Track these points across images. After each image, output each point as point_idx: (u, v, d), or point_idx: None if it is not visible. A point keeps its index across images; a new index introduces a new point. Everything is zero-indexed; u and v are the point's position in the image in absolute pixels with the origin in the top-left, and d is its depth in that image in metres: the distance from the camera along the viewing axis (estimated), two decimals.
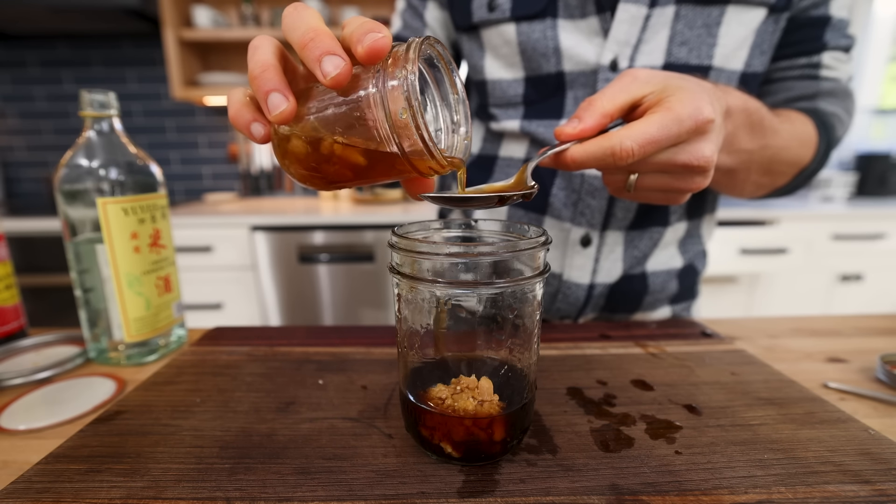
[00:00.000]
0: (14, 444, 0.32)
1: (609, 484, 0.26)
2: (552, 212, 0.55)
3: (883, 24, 1.96)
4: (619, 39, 0.47)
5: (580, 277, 0.55)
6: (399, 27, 0.61)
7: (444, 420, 0.27)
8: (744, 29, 0.47)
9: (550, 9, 0.49)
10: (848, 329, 0.52)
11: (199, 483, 0.26)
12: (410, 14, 0.60)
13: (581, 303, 0.56)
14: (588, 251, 0.54)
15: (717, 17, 0.47)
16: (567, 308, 0.57)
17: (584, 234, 0.54)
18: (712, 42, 0.47)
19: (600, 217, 0.53)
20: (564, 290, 0.56)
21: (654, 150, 0.31)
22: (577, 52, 0.49)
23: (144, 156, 0.45)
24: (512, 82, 0.54)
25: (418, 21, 0.60)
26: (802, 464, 0.27)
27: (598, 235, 0.54)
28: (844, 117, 0.53)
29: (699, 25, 0.47)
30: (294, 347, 0.45)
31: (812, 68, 0.52)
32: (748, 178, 0.47)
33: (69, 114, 2.01)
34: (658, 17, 0.47)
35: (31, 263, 1.54)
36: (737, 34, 0.47)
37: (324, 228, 1.55)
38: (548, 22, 0.49)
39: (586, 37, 0.49)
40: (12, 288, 0.48)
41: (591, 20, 0.48)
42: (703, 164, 0.33)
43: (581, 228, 0.53)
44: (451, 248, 0.24)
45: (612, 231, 0.54)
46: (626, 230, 0.54)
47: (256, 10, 1.89)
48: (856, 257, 1.65)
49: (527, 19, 0.50)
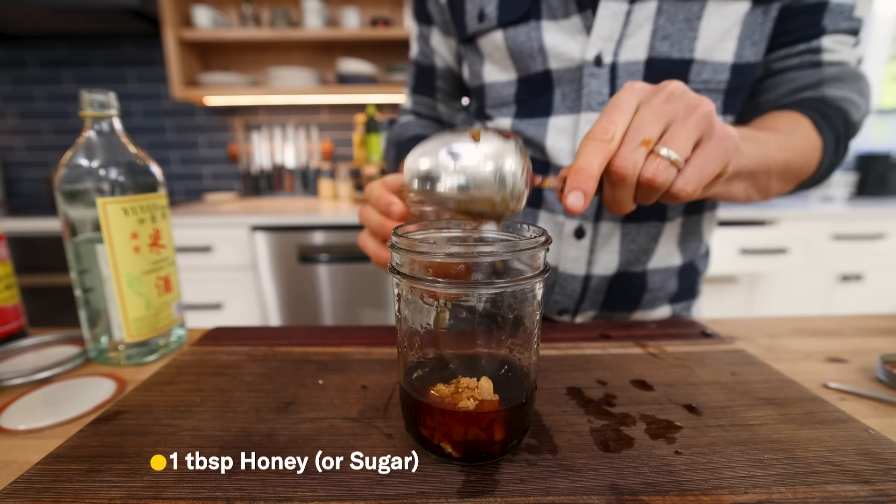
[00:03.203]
0: (14, 444, 0.32)
1: (609, 484, 0.26)
2: (546, 206, 0.57)
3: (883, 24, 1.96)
4: (602, 35, 0.49)
5: (575, 269, 0.56)
6: (416, 52, 0.69)
7: (444, 420, 0.27)
8: (726, 21, 0.48)
9: (533, 12, 0.51)
10: (848, 329, 0.52)
11: (199, 483, 0.26)
12: (422, 41, 0.67)
13: (578, 295, 0.57)
14: (582, 243, 0.55)
15: (698, 10, 0.47)
16: (564, 300, 0.58)
17: (578, 226, 0.55)
18: (693, 35, 0.48)
19: (592, 208, 0.54)
20: (560, 281, 0.57)
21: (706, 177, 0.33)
22: (561, 51, 0.51)
23: (144, 156, 0.45)
24: (506, 84, 0.57)
25: (428, 47, 0.67)
26: (802, 464, 0.27)
27: (591, 227, 0.55)
28: (858, 100, 0.51)
29: (680, 20, 0.48)
30: (294, 347, 0.45)
31: (812, 54, 0.51)
32: (767, 183, 0.47)
33: (69, 114, 2.01)
34: (639, 11, 0.48)
35: (31, 263, 1.54)
36: (718, 27, 0.48)
37: (324, 228, 1.55)
38: (531, 24, 0.51)
39: (570, 35, 0.50)
40: (12, 288, 0.48)
41: (574, 19, 0.50)
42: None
43: (574, 220, 0.55)
44: (451, 248, 0.24)
45: (605, 222, 0.54)
46: (622, 222, 0.55)
47: (256, 10, 1.89)
48: (856, 257, 1.65)
49: (512, 24, 0.52)
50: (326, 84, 1.95)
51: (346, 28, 1.79)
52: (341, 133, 2.10)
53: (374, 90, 1.82)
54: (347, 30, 1.77)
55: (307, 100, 2.01)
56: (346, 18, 1.81)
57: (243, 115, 2.06)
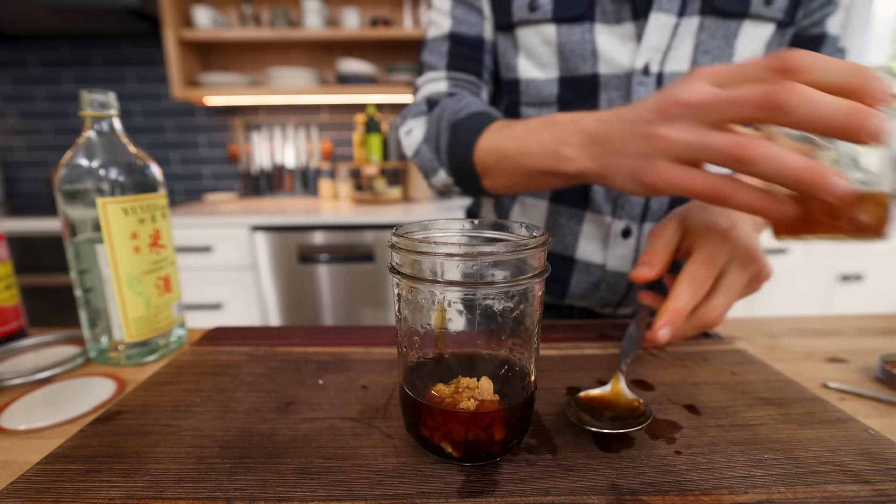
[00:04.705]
0: (14, 444, 0.32)
1: (609, 484, 0.26)
2: (593, 206, 0.58)
3: (883, 24, 1.96)
4: (651, 45, 0.50)
5: (622, 267, 0.58)
6: (450, 25, 0.57)
7: (445, 420, 0.27)
8: (757, 42, 0.51)
9: (589, 13, 0.52)
10: (848, 329, 0.52)
11: (199, 483, 0.26)
12: (464, 9, 0.57)
13: (623, 290, 0.60)
14: (629, 242, 0.57)
15: (735, 29, 0.50)
16: (610, 296, 0.61)
17: (625, 227, 0.57)
18: (731, 52, 0.51)
19: (639, 210, 0.56)
20: (608, 279, 0.59)
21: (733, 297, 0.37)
22: (612, 56, 0.52)
23: (144, 156, 0.45)
24: (546, 82, 0.56)
25: (475, 15, 0.57)
26: (802, 464, 0.27)
27: (637, 227, 0.57)
28: None
29: (720, 36, 0.51)
30: (294, 347, 0.45)
31: None
32: None
33: (69, 114, 2.01)
34: (685, 26, 0.50)
35: (31, 263, 1.54)
36: (751, 46, 0.51)
37: (324, 228, 1.55)
38: (586, 25, 0.52)
39: (620, 41, 0.52)
40: (12, 288, 0.48)
41: (627, 26, 0.51)
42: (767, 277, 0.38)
43: (622, 221, 0.57)
44: (451, 248, 0.24)
45: (650, 222, 0.57)
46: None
47: (256, 10, 1.89)
48: (856, 257, 1.65)
49: (567, 21, 0.52)
50: (326, 84, 1.96)
51: (346, 28, 1.80)
52: (341, 133, 2.10)
53: (374, 90, 1.82)
54: (347, 30, 1.77)
55: (307, 100, 2.01)
56: (346, 18, 1.81)
57: (243, 115, 2.06)
